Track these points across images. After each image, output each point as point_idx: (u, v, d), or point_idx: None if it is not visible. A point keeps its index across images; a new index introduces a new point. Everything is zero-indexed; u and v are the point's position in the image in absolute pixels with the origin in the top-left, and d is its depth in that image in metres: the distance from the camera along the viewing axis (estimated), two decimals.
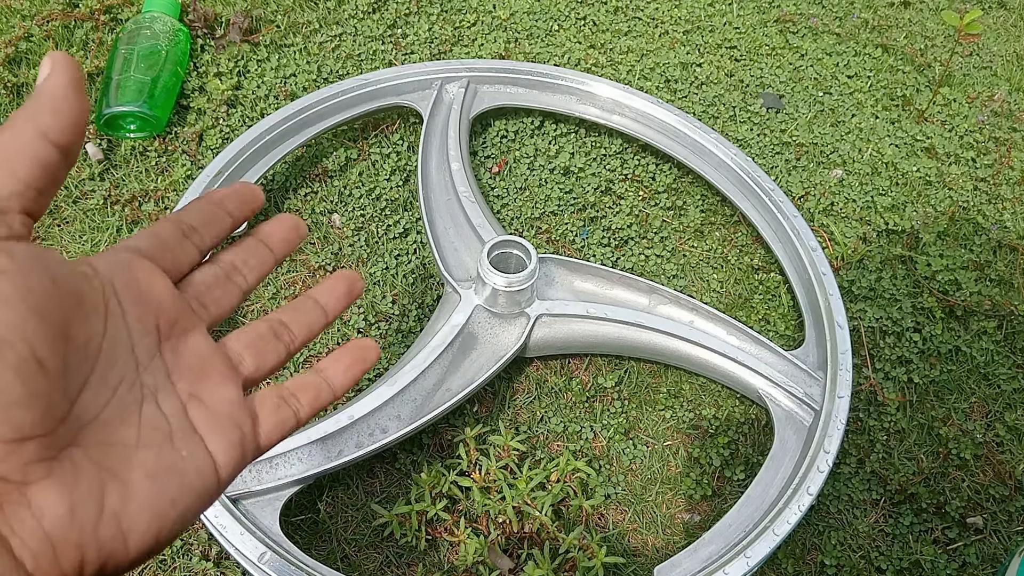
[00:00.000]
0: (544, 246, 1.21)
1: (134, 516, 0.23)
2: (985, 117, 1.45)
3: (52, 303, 0.22)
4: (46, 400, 0.21)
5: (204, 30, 1.36)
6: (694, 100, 1.42)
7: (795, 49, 1.55)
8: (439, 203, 1.13)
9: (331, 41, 1.42)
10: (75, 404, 0.23)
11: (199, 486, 0.26)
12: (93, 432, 0.23)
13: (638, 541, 0.97)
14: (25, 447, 0.21)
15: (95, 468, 0.23)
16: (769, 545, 0.84)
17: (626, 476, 1.01)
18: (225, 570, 0.88)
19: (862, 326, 1.14)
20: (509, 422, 1.03)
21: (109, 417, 0.24)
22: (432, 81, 1.26)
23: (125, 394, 0.25)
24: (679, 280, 1.19)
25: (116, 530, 0.23)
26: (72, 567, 0.22)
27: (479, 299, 1.00)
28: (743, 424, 1.06)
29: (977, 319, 1.16)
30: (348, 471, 0.96)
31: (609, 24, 1.55)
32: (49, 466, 0.22)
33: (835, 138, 1.39)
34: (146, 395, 0.25)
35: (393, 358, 1.06)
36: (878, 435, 1.05)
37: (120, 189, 1.18)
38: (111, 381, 0.24)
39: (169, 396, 0.26)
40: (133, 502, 0.23)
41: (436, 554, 0.93)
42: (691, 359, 1.03)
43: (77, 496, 0.22)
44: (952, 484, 1.02)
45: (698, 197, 1.29)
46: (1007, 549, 0.98)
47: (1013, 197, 1.34)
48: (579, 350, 1.06)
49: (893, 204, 1.30)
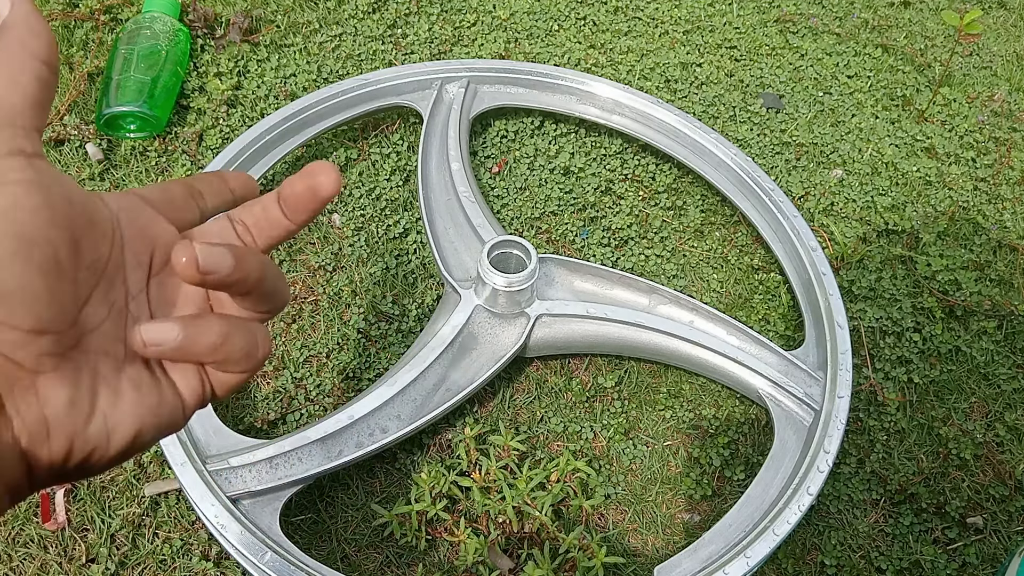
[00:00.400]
0: (544, 246, 1.21)
1: (119, 419, 0.26)
2: (985, 117, 1.45)
3: (70, 217, 0.24)
4: (62, 300, 0.24)
5: (204, 30, 1.36)
6: (694, 100, 1.42)
7: (795, 49, 1.55)
8: (439, 203, 1.13)
9: (331, 41, 1.42)
10: (82, 312, 0.25)
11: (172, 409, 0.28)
12: (93, 340, 0.26)
13: (638, 541, 0.97)
14: (41, 340, 0.23)
15: (92, 371, 0.25)
16: (769, 545, 0.84)
17: (626, 476, 1.01)
18: (225, 570, 0.88)
19: (862, 326, 1.14)
20: (509, 422, 1.03)
21: (105, 331, 0.26)
22: (432, 81, 1.26)
23: (116, 316, 0.27)
24: (679, 280, 1.19)
25: (103, 428, 0.25)
26: (59, 454, 0.25)
27: (479, 299, 1.00)
28: (743, 424, 1.06)
29: (977, 319, 1.16)
30: (348, 471, 0.96)
31: (609, 24, 1.55)
32: (57, 361, 0.24)
33: (835, 138, 1.39)
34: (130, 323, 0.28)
35: (393, 358, 1.06)
36: (878, 435, 1.05)
37: (120, 189, 1.18)
38: (108, 301, 0.27)
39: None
40: (120, 407, 0.26)
41: (436, 554, 0.93)
42: (691, 359, 1.03)
43: (77, 392, 0.25)
44: (952, 484, 1.02)
45: (698, 197, 1.29)
46: (1007, 549, 0.98)
47: (1013, 197, 1.34)
48: (579, 350, 1.06)
49: (893, 204, 1.30)
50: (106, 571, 0.87)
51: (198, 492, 0.83)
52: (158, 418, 0.27)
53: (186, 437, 0.87)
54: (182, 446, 0.85)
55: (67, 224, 0.24)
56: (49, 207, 0.23)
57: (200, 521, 0.90)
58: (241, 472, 0.86)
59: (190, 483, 0.83)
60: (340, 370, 1.05)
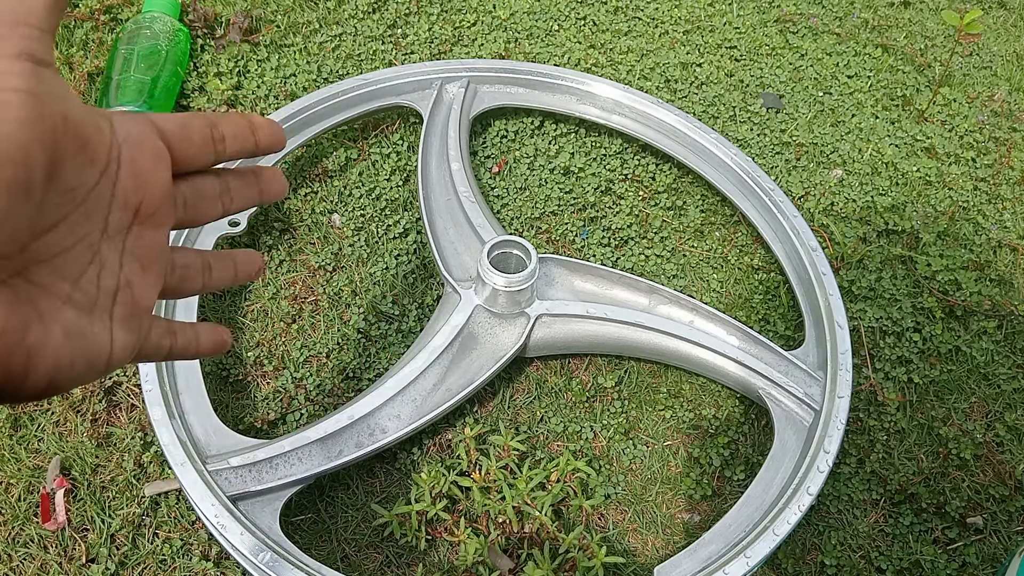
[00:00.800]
0: (544, 246, 1.21)
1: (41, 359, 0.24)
2: (985, 117, 1.45)
3: (59, 139, 0.23)
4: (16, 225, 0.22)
5: (204, 30, 1.36)
6: (694, 100, 1.42)
7: (795, 49, 1.55)
8: (439, 203, 1.13)
9: (331, 41, 1.42)
10: (38, 240, 0.24)
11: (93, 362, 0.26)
12: (39, 272, 0.24)
13: (638, 541, 0.97)
14: None
15: (30, 304, 0.24)
16: (769, 545, 0.84)
17: (626, 476, 1.01)
18: (225, 570, 0.88)
19: (862, 326, 1.14)
20: (509, 422, 1.03)
21: (58, 265, 0.25)
22: (432, 81, 1.26)
23: (80, 252, 0.25)
24: (679, 280, 1.19)
25: (24, 365, 0.24)
26: None
27: (479, 299, 1.00)
28: (743, 424, 1.06)
29: (977, 319, 1.16)
30: (348, 471, 0.96)
31: (609, 24, 1.55)
32: None
33: (835, 138, 1.39)
34: (94, 261, 0.26)
35: (393, 358, 1.06)
36: (878, 435, 1.05)
37: None
38: (76, 233, 0.25)
39: (111, 274, 0.27)
40: (46, 348, 0.24)
41: (436, 554, 0.93)
42: (691, 359, 1.03)
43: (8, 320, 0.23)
44: (952, 484, 1.02)
45: (698, 197, 1.29)
46: (1007, 549, 0.98)
47: (1013, 197, 1.34)
48: (579, 350, 1.06)
49: (893, 204, 1.30)
50: (106, 571, 0.87)
51: (198, 492, 0.83)
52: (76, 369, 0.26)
53: (186, 437, 0.87)
54: (182, 446, 0.85)
55: (53, 146, 0.22)
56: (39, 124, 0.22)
57: (200, 521, 0.90)
58: (241, 472, 0.86)
59: (190, 483, 0.83)
60: (340, 370, 1.05)
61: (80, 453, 0.94)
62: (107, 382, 1.00)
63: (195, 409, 0.91)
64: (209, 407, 0.91)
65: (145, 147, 0.27)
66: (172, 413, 0.88)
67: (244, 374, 1.04)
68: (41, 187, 0.22)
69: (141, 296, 0.28)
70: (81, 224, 0.25)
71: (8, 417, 0.96)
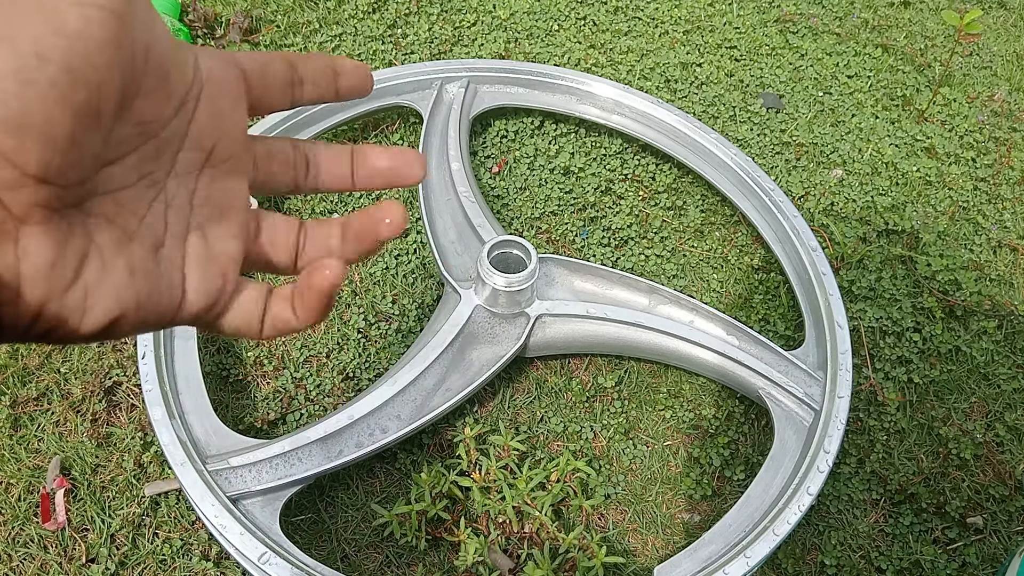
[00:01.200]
0: (544, 246, 1.21)
1: (100, 298, 0.23)
2: (985, 117, 1.45)
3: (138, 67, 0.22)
4: (82, 153, 0.21)
5: (204, 30, 1.36)
6: (694, 100, 1.42)
7: (795, 49, 1.55)
8: (439, 203, 1.13)
9: (331, 41, 1.42)
10: (101, 172, 0.23)
11: (163, 307, 0.25)
12: (102, 205, 0.23)
13: (638, 541, 0.97)
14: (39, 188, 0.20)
15: (86, 238, 0.22)
16: (769, 545, 0.84)
17: (626, 476, 1.01)
18: (225, 570, 0.88)
19: (862, 326, 1.14)
20: (509, 422, 1.03)
21: (123, 199, 0.23)
22: (432, 81, 1.26)
23: (145, 188, 0.24)
24: (679, 280, 1.19)
25: (80, 303, 0.22)
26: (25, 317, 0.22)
27: (479, 299, 1.00)
28: (743, 424, 1.06)
29: (977, 319, 1.16)
30: (348, 471, 0.96)
31: (609, 24, 1.55)
32: (49, 216, 0.21)
33: (835, 138, 1.39)
34: (160, 199, 0.25)
35: (393, 358, 1.06)
36: (878, 435, 1.05)
37: None
38: (143, 169, 0.24)
39: (180, 215, 0.26)
40: (105, 285, 0.23)
41: (436, 554, 0.93)
42: (691, 359, 1.03)
43: (62, 255, 0.21)
44: (952, 484, 1.02)
45: (698, 197, 1.29)
46: (1007, 549, 0.98)
47: (1013, 197, 1.34)
48: (579, 350, 1.06)
49: (893, 204, 1.30)
50: (106, 571, 0.87)
51: (198, 492, 0.83)
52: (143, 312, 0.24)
53: (186, 437, 0.87)
54: (182, 446, 0.85)
55: (131, 75, 0.21)
56: (119, 50, 0.20)
57: (200, 521, 0.90)
58: (241, 472, 0.86)
59: (190, 483, 0.83)
60: (340, 370, 1.05)
61: (80, 453, 0.94)
62: (107, 382, 1.00)
63: (195, 409, 0.91)
64: (209, 407, 0.91)
65: (226, 87, 0.26)
66: (172, 413, 0.88)
67: (244, 374, 1.04)
68: (112, 116, 0.21)
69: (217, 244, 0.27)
70: (149, 160, 0.24)
71: (8, 417, 0.96)
